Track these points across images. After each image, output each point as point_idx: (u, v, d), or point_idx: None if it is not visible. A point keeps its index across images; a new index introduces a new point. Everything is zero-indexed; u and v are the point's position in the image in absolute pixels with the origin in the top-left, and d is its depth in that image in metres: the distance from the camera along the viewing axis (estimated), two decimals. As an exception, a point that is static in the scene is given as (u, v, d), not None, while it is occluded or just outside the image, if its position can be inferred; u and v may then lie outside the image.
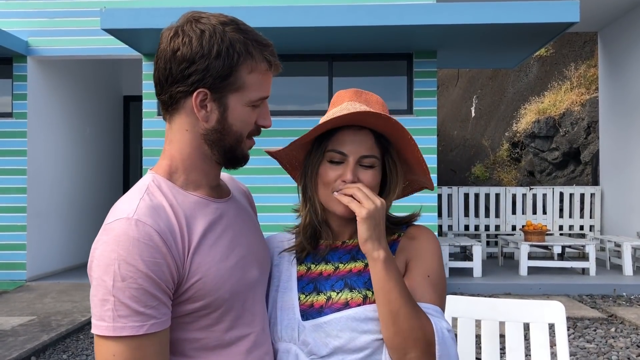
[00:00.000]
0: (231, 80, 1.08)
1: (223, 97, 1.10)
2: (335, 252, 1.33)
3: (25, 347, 4.32)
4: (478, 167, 11.61)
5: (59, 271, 7.74)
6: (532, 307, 1.85)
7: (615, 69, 8.37)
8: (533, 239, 6.96)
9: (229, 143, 1.14)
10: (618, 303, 5.97)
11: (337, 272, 1.29)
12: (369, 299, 1.23)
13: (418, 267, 1.27)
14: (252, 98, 1.12)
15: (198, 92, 1.08)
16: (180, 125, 1.13)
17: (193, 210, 1.12)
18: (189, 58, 1.06)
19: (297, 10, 6.01)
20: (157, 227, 1.03)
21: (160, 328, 1.02)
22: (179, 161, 1.15)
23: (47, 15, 7.20)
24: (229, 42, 1.07)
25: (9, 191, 7.06)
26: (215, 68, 1.06)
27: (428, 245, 1.31)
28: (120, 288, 0.98)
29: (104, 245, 1.01)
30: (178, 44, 1.07)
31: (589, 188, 8.69)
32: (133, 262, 0.99)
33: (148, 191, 1.10)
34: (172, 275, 1.04)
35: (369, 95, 1.32)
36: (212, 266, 1.10)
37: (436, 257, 1.30)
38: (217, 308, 1.11)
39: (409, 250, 1.31)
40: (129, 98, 9.96)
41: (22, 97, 7.12)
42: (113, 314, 0.98)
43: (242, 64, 1.08)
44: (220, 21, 1.09)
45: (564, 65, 11.27)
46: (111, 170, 9.58)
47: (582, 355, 4.30)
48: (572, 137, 9.88)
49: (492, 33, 6.33)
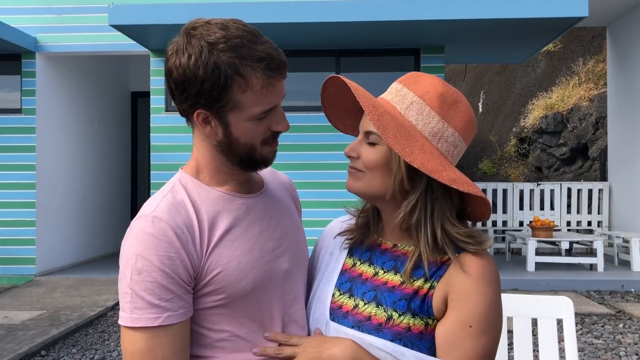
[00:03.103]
0: (224, 101, 1.07)
1: (223, 116, 1.10)
2: (382, 255, 1.22)
3: (35, 341, 4.36)
4: (485, 163, 11.57)
5: (68, 266, 7.79)
6: (540, 303, 1.85)
7: (624, 64, 8.30)
8: (541, 234, 6.94)
9: (242, 152, 1.14)
10: (626, 299, 5.95)
11: (375, 278, 1.20)
12: (393, 320, 1.12)
13: (459, 312, 1.09)
14: (253, 114, 1.10)
15: (197, 112, 1.10)
16: (197, 135, 1.17)
17: (217, 206, 1.15)
18: (181, 82, 1.08)
19: (304, 6, 6.00)
20: (173, 223, 1.08)
21: (175, 321, 1.06)
22: (202, 163, 1.19)
23: (55, 11, 7.23)
24: (214, 66, 1.04)
25: (18, 187, 7.11)
26: (204, 92, 1.06)
27: (481, 287, 1.09)
28: (137, 281, 1.04)
29: (127, 241, 1.08)
30: (172, 66, 1.08)
31: (596, 184, 8.64)
32: (148, 257, 1.04)
33: (173, 189, 1.15)
34: (188, 270, 1.08)
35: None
36: (233, 259, 1.12)
37: (487, 302, 1.08)
38: (240, 300, 1.13)
39: (454, 285, 1.10)
40: (136, 94, 9.99)
41: (30, 93, 7.16)
42: (131, 305, 1.05)
43: (231, 85, 1.06)
44: (210, 41, 1.05)
45: (572, 60, 11.19)
46: (119, 166, 9.61)
47: (590, 351, 4.29)
48: (580, 132, 9.82)
49: (500, 28, 6.30)
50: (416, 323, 1.11)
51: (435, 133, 1.13)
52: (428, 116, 1.13)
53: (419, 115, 1.13)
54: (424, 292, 1.13)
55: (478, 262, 1.10)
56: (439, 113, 1.13)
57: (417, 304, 1.12)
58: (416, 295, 1.13)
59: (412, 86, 1.16)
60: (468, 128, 1.16)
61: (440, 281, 1.12)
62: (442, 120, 1.13)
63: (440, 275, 1.12)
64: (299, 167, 6.77)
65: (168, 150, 6.87)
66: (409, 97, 1.14)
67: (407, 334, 1.11)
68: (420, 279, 1.14)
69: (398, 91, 1.17)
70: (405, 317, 1.12)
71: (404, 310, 1.12)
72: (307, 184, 6.63)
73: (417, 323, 1.11)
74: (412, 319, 1.12)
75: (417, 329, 1.11)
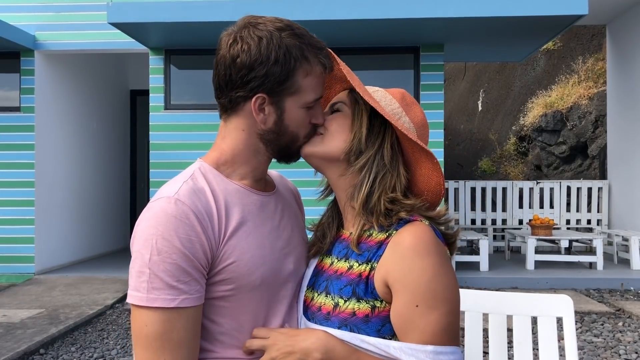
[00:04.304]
0: (288, 84, 1.13)
1: (280, 101, 1.15)
2: (340, 244, 1.25)
3: (34, 340, 4.35)
4: (485, 161, 11.57)
5: (67, 264, 7.79)
6: (540, 301, 1.85)
7: (624, 63, 8.30)
8: (540, 233, 6.94)
9: (285, 142, 1.19)
10: (626, 297, 5.95)
11: (329, 268, 1.22)
12: (339, 307, 1.14)
13: (402, 294, 1.07)
14: (308, 100, 1.16)
15: (257, 97, 1.13)
16: (237, 125, 1.18)
17: (234, 198, 1.17)
18: (248, 65, 1.11)
19: (303, 4, 5.99)
20: (195, 207, 1.09)
21: (191, 304, 1.06)
22: (228, 155, 1.20)
23: (54, 9, 7.22)
24: (286, 48, 1.11)
25: (17, 185, 7.10)
26: (273, 74, 1.11)
27: (417, 262, 1.06)
28: (156, 262, 1.04)
29: (145, 222, 1.08)
30: (237, 51, 1.12)
31: (596, 182, 8.64)
32: (169, 238, 1.05)
33: (193, 176, 1.16)
34: (206, 255, 1.09)
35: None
36: (247, 251, 1.14)
37: (428, 276, 1.06)
38: (248, 293, 1.14)
39: (391, 266, 1.09)
40: (135, 92, 9.98)
41: (29, 91, 7.15)
42: (148, 285, 1.04)
43: (298, 69, 1.13)
44: (277, 27, 1.13)
45: (571, 58, 11.19)
46: (118, 164, 9.61)
47: (589, 350, 4.30)
48: (580, 130, 9.82)
49: (500, 26, 6.29)
50: (361, 307, 1.11)
51: (396, 113, 1.22)
52: (391, 101, 1.23)
53: (383, 99, 1.23)
54: (365, 274, 1.13)
55: (411, 235, 1.09)
56: (399, 103, 1.23)
57: (362, 288, 1.12)
58: (360, 279, 1.13)
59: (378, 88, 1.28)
60: (422, 126, 1.25)
61: (379, 262, 1.11)
62: (401, 108, 1.23)
63: (379, 256, 1.12)
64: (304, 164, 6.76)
65: (167, 148, 6.86)
66: (375, 88, 1.27)
67: (352, 319, 1.12)
68: (363, 263, 1.15)
69: (369, 88, 1.27)
70: (350, 303, 1.13)
71: (349, 295, 1.13)
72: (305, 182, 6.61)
73: (362, 307, 1.11)
74: (357, 304, 1.12)
75: (362, 313, 1.11)
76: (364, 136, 1.17)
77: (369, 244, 1.16)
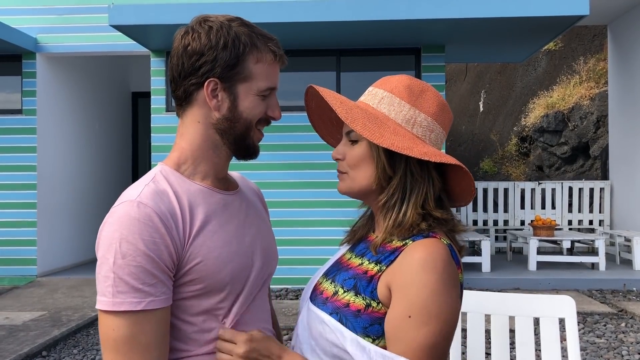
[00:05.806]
0: (238, 69, 1.15)
1: (232, 86, 1.16)
2: (365, 244, 1.28)
3: (37, 342, 4.36)
4: (486, 162, 11.56)
5: (69, 267, 7.79)
6: (542, 302, 1.85)
7: (626, 63, 8.29)
8: (542, 233, 6.93)
9: (239, 131, 1.19)
10: (628, 298, 5.94)
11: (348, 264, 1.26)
12: (337, 295, 1.17)
13: (400, 302, 1.08)
14: (260, 87, 1.18)
15: (209, 81, 1.14)
16: (192, 118, 1.20)
17: (197, 198, 1.17)
18: (199, 51, 1.13)
19: (305, 5, 6.00)
20: (158, 209, 1.09)
21: (158, 306, 1.06)
22: (188, 152, 1.21)
23: (56, 12, 7.23)
24: (235, 35, 1.14)
25: (19, 187, 7.11)
26: (222, 58, 1.13)
27: (422, 276, 1.07)
28: (120, 265, 1.04)
29: (108, 226, 1.08)
30: (188, 40, 1.15)
31: (598, 182, 8.63)
32: (133, 241, 1.04)
33: (154, 179, 1.16)
34: (172, 256, 1.09)
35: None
36: (213, 250, 1.14)
37: (428, 291, 1.06)
38: (219, 291, 1.15)
39: (398, 274, 1.10)
40: (137, 94, 9.99)
41: (31, 93, 7.17)
42: (113, 289, 1.04)
43: (248, 54, 1.15)
44: (227, 18, 1.17)
45: (573, 59, 11.18)
46: (120, 166, 9.62)
47: (592, 350, 4.29)
48: (581, 131, 9.81)
49: (501, 27, 6.29)
50: (356, 301, 1.13)
51: (409, 119, 1.19)
52: (399, 105, 1.19)
53: (390, 107, 1.19)
54: (372, 273, 1.15)
55: (424, 250, 1.10)
56: (408, 102, 1.19)
57: (363, 284, 1.15)
58: (364, 276, 1.16)
59: (382, 85, 1.23)
60: (441, 112, 1.22)
61: (389, 266, 1.13)
62: (413, 108, 1.19)
63: (391, 261, 1.13)
64: (301, 167, 6.76)
65: (169, 150, 6.73)
66: (380, 94, 1.21)
67: (344, 309, 1.14)
68: (373, 262, 1.17)
69: (370, 92, 1.24)
70: (348, 294, 1.15)
71: (350, 288, 1.16)
72: (307, 183, 6.62)
73: (358, 302, 1.13)
74: (353, 297, 1.14)
75: (355, 306, 1.13)
76: (386, 163, 1.16)
77: (385, 248, 1.18)
